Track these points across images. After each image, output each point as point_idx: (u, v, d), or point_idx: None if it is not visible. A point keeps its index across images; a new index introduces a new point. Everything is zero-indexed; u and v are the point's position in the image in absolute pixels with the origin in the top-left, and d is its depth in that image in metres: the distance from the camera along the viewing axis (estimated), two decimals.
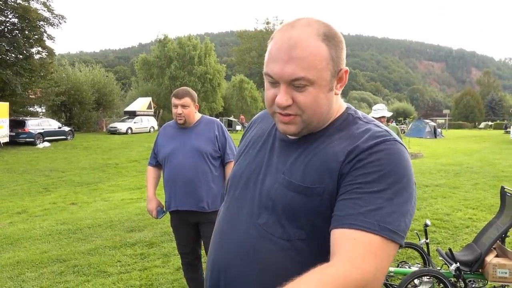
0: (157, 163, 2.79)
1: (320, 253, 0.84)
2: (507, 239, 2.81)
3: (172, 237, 4.93)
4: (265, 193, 0.92)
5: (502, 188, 2.94)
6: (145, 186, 3.00)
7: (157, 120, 32.22)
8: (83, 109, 28.34)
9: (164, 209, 2.77)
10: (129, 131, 26.70)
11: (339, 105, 0.95)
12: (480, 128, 55.45)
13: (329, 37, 0.84)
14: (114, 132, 26.16)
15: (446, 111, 59.49)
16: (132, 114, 29.66)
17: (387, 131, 0.87)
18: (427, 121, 33.46)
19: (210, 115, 46.65)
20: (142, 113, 30.44)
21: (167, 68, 39.13)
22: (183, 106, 2.56)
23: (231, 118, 35.68)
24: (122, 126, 26.76)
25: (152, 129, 29.22)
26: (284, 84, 0.84)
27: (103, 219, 6.13)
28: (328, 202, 0.84)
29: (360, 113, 0.96)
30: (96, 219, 6.14)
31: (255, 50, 56.85)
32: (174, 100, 2.58)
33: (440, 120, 54.64)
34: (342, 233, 0.76)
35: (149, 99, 33.22)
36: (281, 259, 0.87)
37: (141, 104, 31.92)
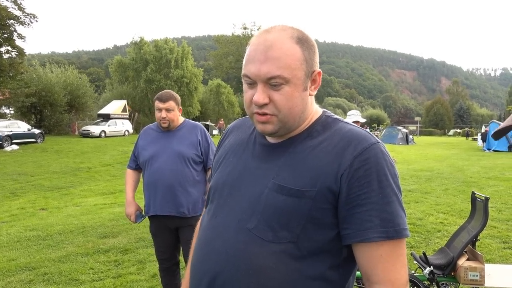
0: (137, 167, 2.74)
1: (309, 255, 0.88)
2: (477, 243, 2.90)
3: (148, 243, 4.84)
4: (254, 198, 0.93)
5: (473, 193, 3.05)
6: (120, 191, 2.94)
7: (132, 124, 31.70)
8: (54, 111, 27.49)
9: (143, 213, 2.71)
10: (103, 134, 26.10)
11: (315, 109, 1.00)
12: (449, 135, 57.50)
13: (302, 40, 0.90)
14: (86, 135, 25.49)
15: (417, 119, 61.35)
16: (106, 117, 29.03)
17: (367, 132, 0.94)
18: (400, 128, 34.39)
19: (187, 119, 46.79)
20: (116, 116, 29.85)
21: (143, 71, 38.60)
22: (167, 109, 2.52)
23: (208, 123, 35.53)
24: (95, 129, 26.12)
25: (127, 133, 28.69)
26: (261, 83, 0.88)
27: (74, 224, 5.95)
28: (320, 206, 0.87)
29: (336, 115, 1.01)
30: (68, 225, 5.96)
31: (233, 55, 57.04)
32: (158, 104, 2.53)
33: (412, 127, 56.22)
34: (370, 249, 0.86)
35: (124, 102, 32.65)
36: (272, 262, 0.88)
37: (115, 107, 31.32)
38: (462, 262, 2.66)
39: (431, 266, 2.68)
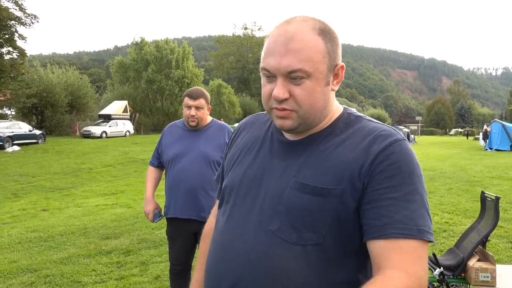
0: (159, 164, 2.64)
1: (335, 258, 0.84)
2: (488, 243, 2.85)
3: (150, 244, 4.80)
4: (275, 198, 0.88)
5: (482, 193, 2.99)
6: (121, 191, 2.87)
7: (133, 124, 31.67)
8: (55, 112, 27.48)
9: (162, 213, 2.62)
10: (104, 135, 26.05)
11: (336, 106, 0.95)
12: (451, 135, 57.38)
13: (324, 31, 0.85)
14: (87, 136, 25.44)
15: (418, 118, 61.28)
16: (107, 118, 28.98)
17: (394, 129, 0.88)
18: (401, 127, 34.34)
19: None
20: (117, 116, 29.82)
21: (144, 71, 38.67)
22: (197, 107, 2.42)
23: None
24: (96, 130, 26.07)
25: (128, 133, 28.64)
26: (281, 77, 0.83)
27: (76, 226, 5.90)
28: (346, 204, 0.83)
29: (359, 113, 0.96)
30: (69, 226, 5.91)
31: (233, 55, 57.01)
32: (188, 101, 2.42)
33: (413, 127, 56.19)
34: (386, 244, 0.78)
35: (125, 102, 32.64)
36: (296, 265, 0.83)
37: (116, 107, 31.31)
38: (473, 263, 2.61)
39: (441, 267, 2.62)
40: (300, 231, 0.84)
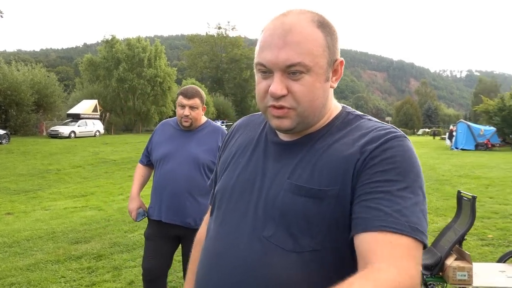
0: (149, 162, 2.52)
1: (334, 265, 0.78)
2: (464, 242, 2.90)
3: (123, 248, 4.64)
4: (269, 202, 0.83)
5: (459, 192, 3.05)
6: (92, 193, 2.74)
7: (103, 124, 30.87)
8: (20, 111, 26.33)
9: (146, 212, 2.49)
10: (72, 135, 25.22)
11: (334, 105, 0.90)
12: (419, 135, 59.31)
13: (324, 24, 0.81)
14: (55, 136, 24.54)
15: (388, 119, 63.01)
16: (76, 117, 28.13)
17: (394, 127, 0.83)
18: None
19: (160, 119, 45.35)
20: (87, 116, 29.00)
21: (115, 69, 37.79)
22: (192, 107, 2.31)
23: None
24: (64, 130, 25.21)
25: (98, 133, 27.89)
26: (279, 72, 0.78)
27: (44, 230, 5.65)
28: (343, 206, 0.77)
29: (357, 111, 0.91)
30: (36, 230, 5.65)
31: (207, 55, 56.63)
32: (182, 100, 2.31)
33: None
34: (375, 237, 0.69)
35: (94, 101, 31.80)
36: (294, 274, 0.78)
37: (86, 106, 30.43)
38: (450, 262, 2.65)
39: None
40: (296, 237, 0.78)
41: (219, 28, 56.32)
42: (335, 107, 0.90)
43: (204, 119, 2.45)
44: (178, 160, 2.30)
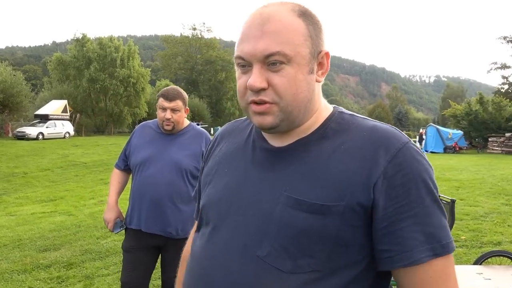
0: (126, 167, 2.37)
1: (338, 286, 0.72)
2: None
3: (95, 255, 4.45)
4: (263, 217, 0.75)
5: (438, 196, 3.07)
6: (61, 197, 2.59)
7: (73, 125, 29.95)
8: None
9: (124, 222, 2.34)
10: (40, 136, 24.34)
11: (325, 104, 0.84)
12: None
13: (305, 14, 0.77)
14: (22, 137, 23.61)
15: None
16: (44, 118, 27.19)
17: (395, 128, 0.79)
18: None
19: (133, 121, 44.21)
20: (56, 117, 28.07)
21: (86, 69, 36.81)
22: (174, 110, 2.18)
23: None
24: (31, 131, 24.31)
25: (67, 135, 27.03)
26: (258, 63, 0.74)
27: (9, 237, 5.36)
28: (349, 224, 0.72)
29: (351, 111, 0.86)
30: (1, 237, 5.37)
31: (181, 56, 56.07)
32: (163, 102, 2.19)
33: None
34: (417, 273, 0.70)
35: (64, 102, 30.81)
36: None
37: (55, 107, 29.46)
38: None
39: None
40: (295, 257, 0.72)
41: (194, 29, 55.91)
42: (325, 107, 0.84)
43: (186, 122, 2.34)
44: (159, 165, 2.17)
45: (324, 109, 0.83)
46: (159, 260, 2.37)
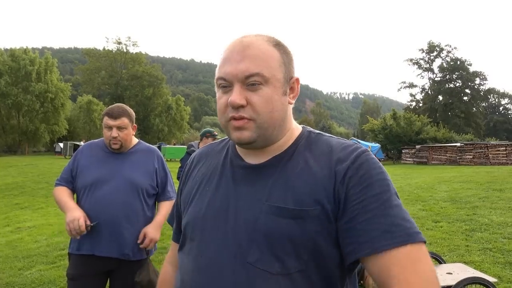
0: (72, 188, 2.17)
1: (321, 282, 0.81)
2: None
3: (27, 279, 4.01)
4: (249, 226, 0.82)
5: None
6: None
7: None
8: None
9: (69, 251, 2.13)
10: None
11: (295, 125, 0.95)
12: None
13: (279, 45, 0.89)
14: None
15: None
16: None
17: (355, 142, 0.91)
18: None
19: (51, 139, 40.78)
20: None
21: None
22: (120, 128, 2.09)
23: (78, 142, 32.21)
24: None
25: None
26: (238, 83, 0.83)
27: None
28: (324, 225, 0.80)
29: (317, 130, 0.98)
30: None
31: (105, 70, 53.52)
32: (108, 121, 2.09)
33: None
34: (381, 259, 0.75)
35: None
36: None
37: None
38: None
39: None
40: (282, 260, 0.79)
41: (119, 43, 53.83)
42: (296, 127, 0.95)
43: (135, 140, 2.27)
44: (112, 185, 2.07)
45: (295, 128, 0.94)
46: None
